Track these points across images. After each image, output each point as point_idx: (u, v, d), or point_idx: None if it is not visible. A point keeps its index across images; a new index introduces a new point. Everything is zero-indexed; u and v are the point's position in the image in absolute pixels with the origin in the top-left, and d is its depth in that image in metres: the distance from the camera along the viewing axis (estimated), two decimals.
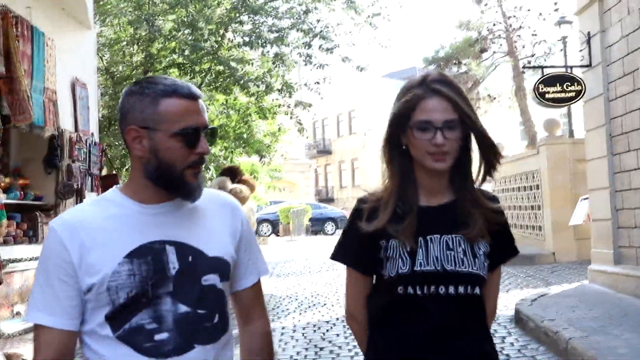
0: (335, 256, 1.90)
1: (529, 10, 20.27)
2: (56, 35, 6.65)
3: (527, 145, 18.53)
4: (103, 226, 1.56)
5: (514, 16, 20.10)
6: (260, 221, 23.99)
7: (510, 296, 8.28)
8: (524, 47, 17.15)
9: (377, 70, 48.75)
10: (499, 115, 24.78)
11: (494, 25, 20.77)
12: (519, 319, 6.66)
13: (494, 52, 21.69)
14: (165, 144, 1.54)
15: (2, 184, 5.96)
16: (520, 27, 19.69)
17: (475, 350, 1.78)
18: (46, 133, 6.29)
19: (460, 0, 38.93)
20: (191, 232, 1.62)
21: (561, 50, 13.32)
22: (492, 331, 1.82)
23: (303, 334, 6.83)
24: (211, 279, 1.62)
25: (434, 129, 1.73)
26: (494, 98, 21.94)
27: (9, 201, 5.94)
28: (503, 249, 1.88)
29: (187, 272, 1.58)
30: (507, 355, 5.57)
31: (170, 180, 1.56)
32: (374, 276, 1.85)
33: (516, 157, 14.21)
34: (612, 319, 6.07)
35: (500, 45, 21.26)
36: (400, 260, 1.75)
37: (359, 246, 1.83)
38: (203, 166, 1.62)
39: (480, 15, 21.48)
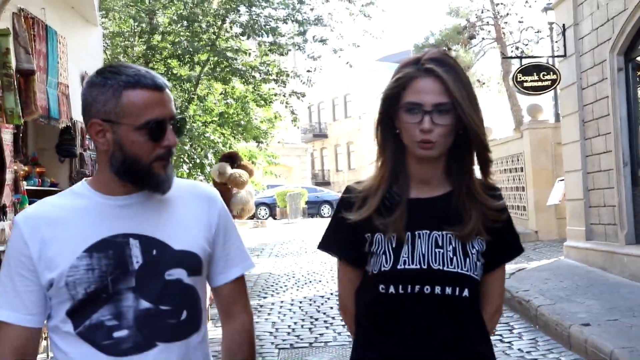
0: (322, 246, 1.78)
1: None
2: (67, 33, 7.16)
3: (514, 129, 19.05)
4: (65, 219, 1.50)
5: (502, 3, 20.52)
6: (258, 204, 24.61)
7: None
8: (511, 33, 17.59)
9: (371, 53, 49.01)
10: (490, 100, 25.29)
11: (482, 12, 21.20)
12: None
13: (483, 39, 22.11)
14: (129, 137, 1.46)
15: (22, 172, 6.51)
16: (508, 14, 20.13)
17: (462, 355, 1.63)
18: (61, 125, 6.83)
19: None
20: (158, 224, 1.53)
21: (548, 36, 13.76)
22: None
23: (300, 307, 7.37)
24: (176, 273, 1.52)
25: (422, 112, 1.56)
26: (483, 83, 22.40)
27: (29, 187, 6.49)
28: (504, 246, 1.71)
29: (150, 267, 1.50)
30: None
31: (137, 173, 1.49)
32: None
33: (502, 140, 14.71)
34: (578, 289, 6.68)
35: (489, 32, 21.67)
36: (384, 256, 1.61)
37: (344, 237, 1.71)
38: (172, 157, 1.55)
39: (469, 3, 21.95)
